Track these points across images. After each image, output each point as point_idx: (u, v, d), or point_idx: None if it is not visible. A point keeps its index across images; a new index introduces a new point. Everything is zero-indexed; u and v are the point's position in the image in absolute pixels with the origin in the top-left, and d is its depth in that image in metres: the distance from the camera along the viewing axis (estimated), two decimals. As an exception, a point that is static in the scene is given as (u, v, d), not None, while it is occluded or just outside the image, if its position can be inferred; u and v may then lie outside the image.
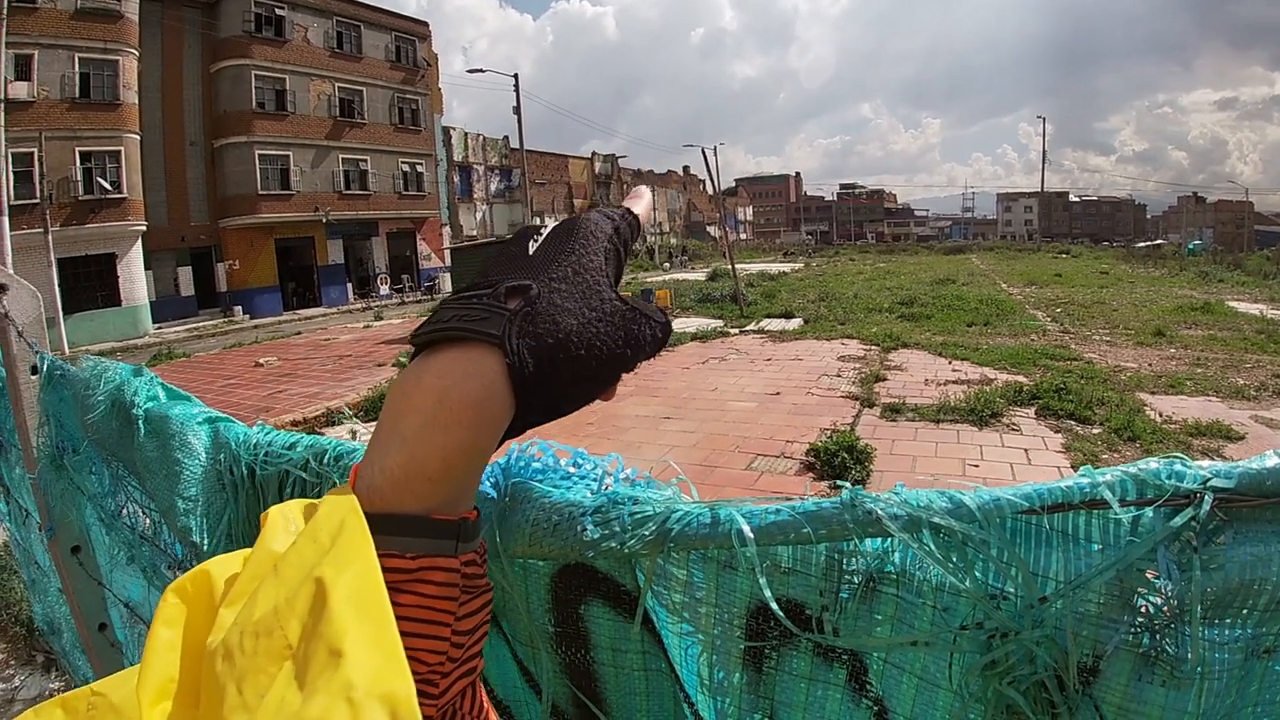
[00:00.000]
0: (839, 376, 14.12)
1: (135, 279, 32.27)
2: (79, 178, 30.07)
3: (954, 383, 13.21)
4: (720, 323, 22.88)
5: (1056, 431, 10.10)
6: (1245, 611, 0.62)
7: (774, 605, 0.71)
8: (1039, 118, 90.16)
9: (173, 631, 0.44)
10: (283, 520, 0.49)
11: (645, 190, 0.69)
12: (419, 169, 46.60)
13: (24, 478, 2.14)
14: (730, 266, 29.33)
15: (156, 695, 0.41)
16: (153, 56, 34.21)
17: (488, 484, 0.86)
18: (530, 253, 0.58)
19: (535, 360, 0.51)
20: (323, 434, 9.35)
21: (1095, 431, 9.98)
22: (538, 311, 0.53)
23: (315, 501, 0.49)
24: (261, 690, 0.36)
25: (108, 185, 30.80)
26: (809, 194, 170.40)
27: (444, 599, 0.50)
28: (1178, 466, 0.63)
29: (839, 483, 0.73)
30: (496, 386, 0.51)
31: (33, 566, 2.63)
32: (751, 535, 0.71)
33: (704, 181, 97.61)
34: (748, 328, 21.72)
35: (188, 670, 0.42)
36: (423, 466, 0.49)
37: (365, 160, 43.07)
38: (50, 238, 24.70)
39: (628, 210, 0.65)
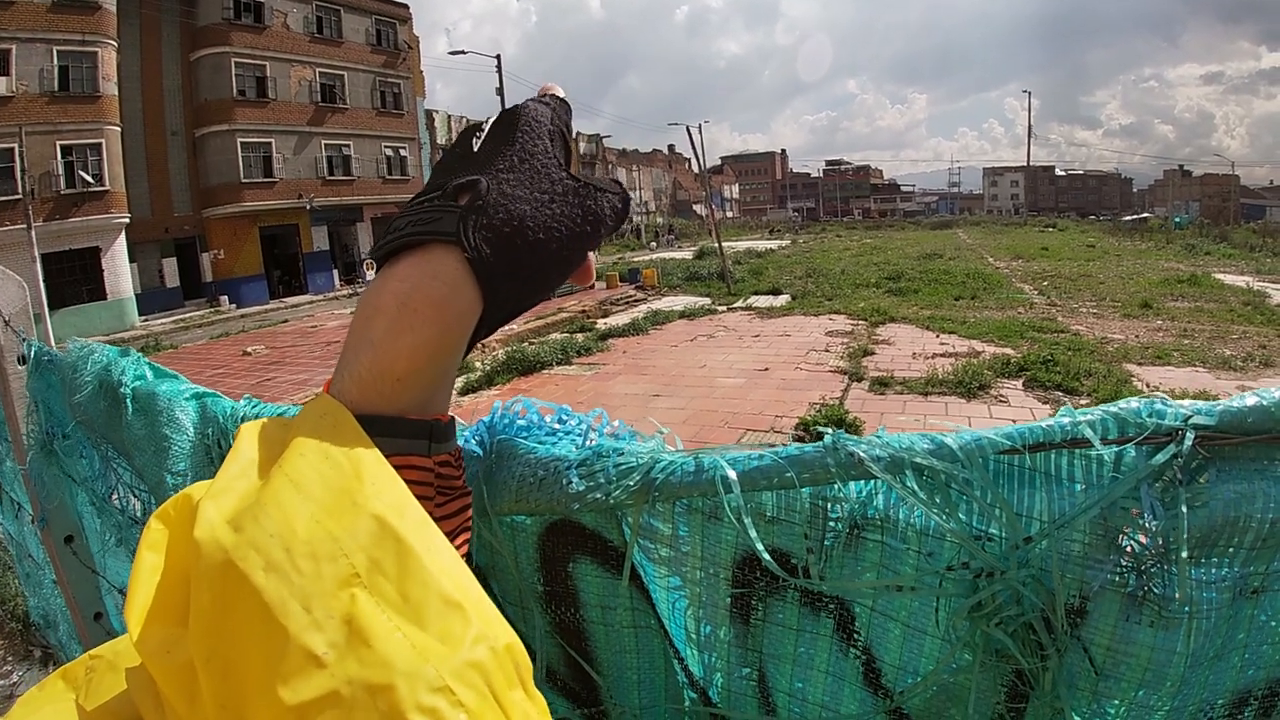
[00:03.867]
0: (827, 351, 14.16)
1: (120, 272, 32.00)
2: (61, 172, 29.74)
3: (942, 356, 13.28)
4: (708, 300, 22.91)
5: (1044, 403, 10.18)
6: (1231, 550, 0.62)
7: (761, 549, 0.71)
8: (1025, 92, 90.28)
9: (157, 555, 0.43)
10: (259, 431, 0.48)
11: (555, 85, 0.67)
12: (402, 153, 46.29)
13: (16, 471, 2.13)
14: (717, 244, 29.31)
15: (140, 615, 0.41)
16: (131, 47, 33.79)
17: (473, 442, 0.86)
18: (475, 150, 0.58)
19: (493, 250, 0.52)
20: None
21: (1083, 402, 10.01)
22: (489, 203, 0.53)
23: (288, 419, 0.49)
24: (333, 613, 0.36)
25: (90, 178, 30.48)
26: (795, 171, 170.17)
27: (419, 499, 0.48)
28: (1158, 405, 0.63)
29: (823, 429, 0.73)
30: (459, 282, 0.51)
31: (27, 560, 2.62)
32: (736, 480, 0.71)
33: (689, 160, 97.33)
34: (735, 305, 21.76)
35: (169, 591, 0.42)
36: (390, 367, 0.50)
37: (348, 145, 42.74)
38: (34, 233, 24.44)
39: (555, 95, 0.65)
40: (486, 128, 0.60)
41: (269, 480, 0.42)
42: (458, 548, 0.54)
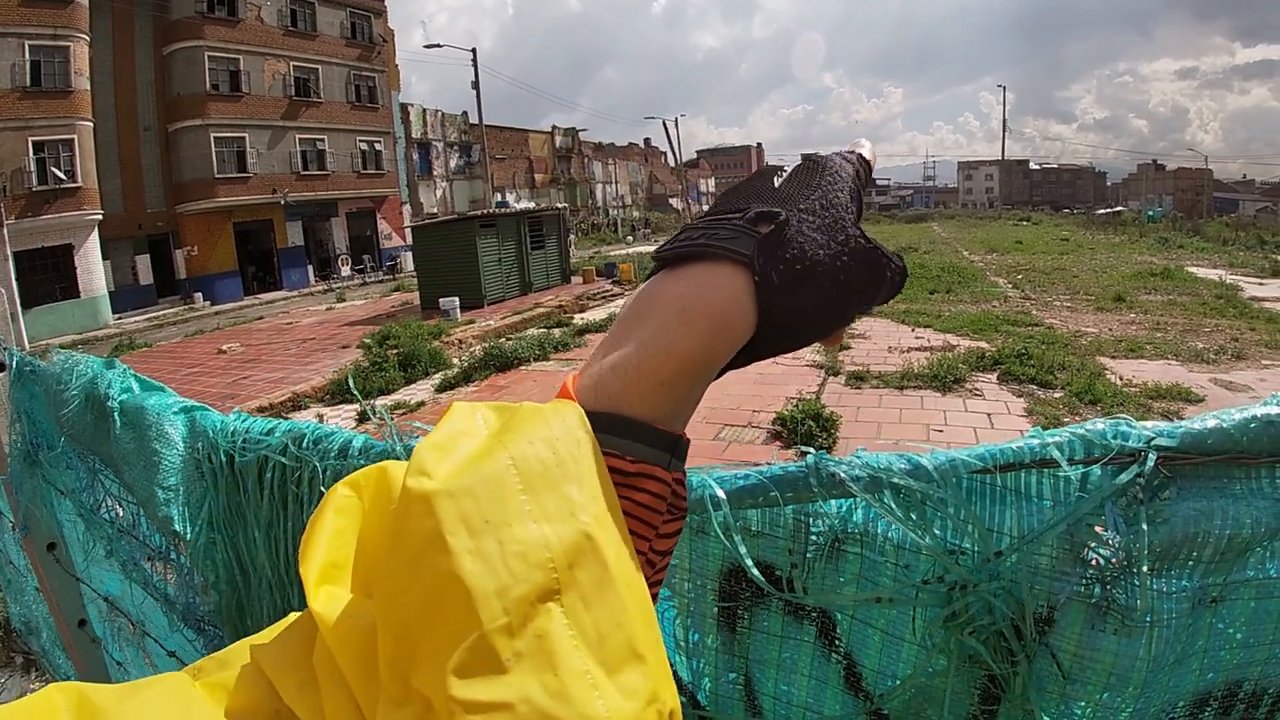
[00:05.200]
0: (804, 347, 14.19)
1: (93, 270, 31.58)
2: (32, 168, 29.23)
3: (917, 349, 13.34)
4: (686, 296, 22.84)
5: (1019, 396, 10.25)
6: (1191, 563, 0.66)
7: (748, 563, 0.74)
8: (1000, 86, 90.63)
9: (344, 521, 0.44)
10: (471, 414, 0.46)
11: (865, 140, 0.66)
12: (377, 147, 45.92)
13: (-2, 480, 2.12)
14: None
15: (320, 578, 0.41)
16: (104, 41, 33.33)
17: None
18: (776, 187, 0.57)
19: (781, 284, 0.51)
20: (289, 419, 9.29)
21: (1057, 395, 10.14)
22: (787, 238, 0.52)
23: (510, 406, 0.46)
24: (529, 621, 0.35)
25: (62, 175, 30.01)
26: (771, 164, 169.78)
27: (652, 510, 0.49)
28: (1123, 427, 0.66)
29: (805, 449, 0.76)
30: (741, 301, 0.50)
31: (8, 567, 2.62)
32: (724, 498, 0.74)
33: (665, 154, 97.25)
34: (713, 300, 21.71)
35: (360, 559, 0.42)
36: (658, 370, 0.49)
37: (322, 140, 42.37)
38: (5, 231, 24.10)
39: (860, 155, 0.63)
40: (787, 169, 0.60)
41: (492, 456, 0.40)
42: (663, 570, 0.54)
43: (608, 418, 0.47)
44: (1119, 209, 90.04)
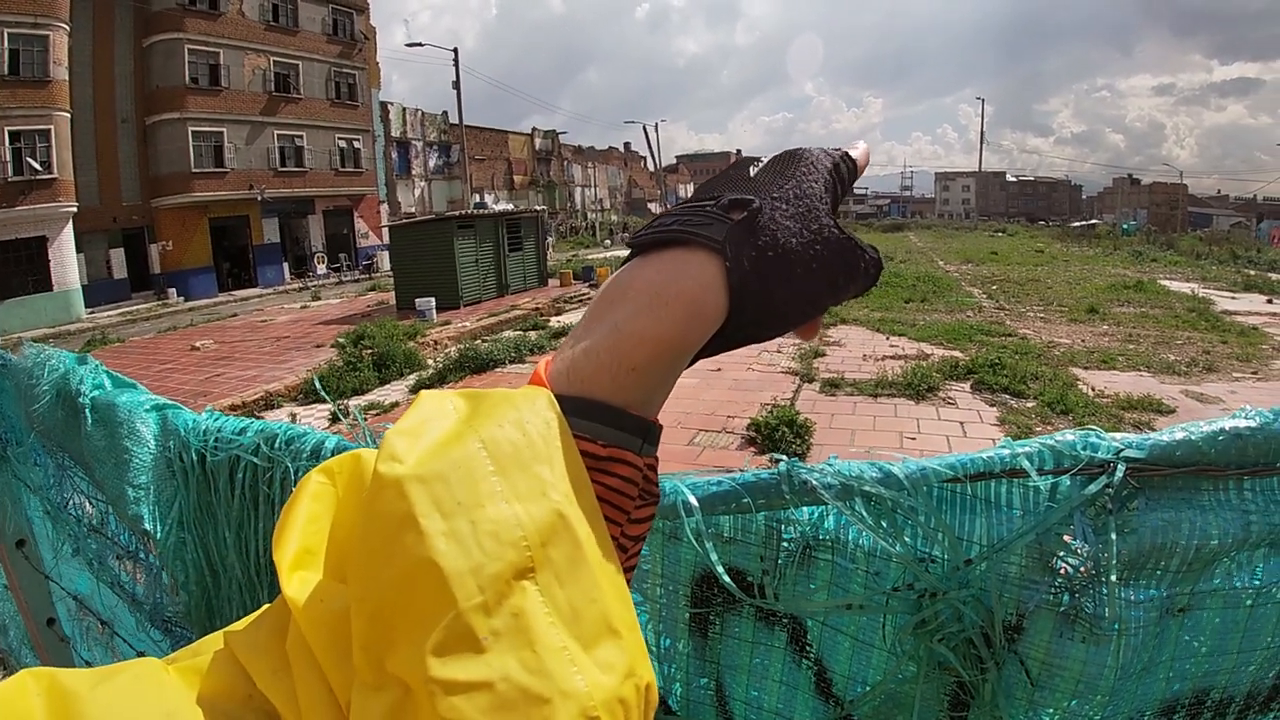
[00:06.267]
0: (779, 352, 14.23)
1: (66, 263, 31.17)
2: (8, 158, 28.77)
3: (891, 358, 13.42)
4: (663, 300, 22.88)
5: (992, 405, 10.33)
6: (1159, 572, 0.67)
7: (719, 569, 0.75)
8: (978, 99, 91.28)
9: (318, 507, 0.44)
10: (441, 400, 0.46)
11: (862, 142, 0.67)
12: (356, 145, 45.62)
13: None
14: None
15: (293, 564, 0.41)
16: (83, 31, 32.89)
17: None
18: (751, 175, 0.58)
19: (753, 269, 0.51)
20: (261, 418, 9.22)
21: (1029, 405, 10.22)
22: (760, 225, 0.52)
23: (479, 392, 0.46)
24: (504, 599, 0.36)
25: (38, 165, 29.58)
26: (748, 156, 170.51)
27: (623, 495, 0.49)
28: (1092, 438, 0.67)
29: (777, 456, 0.76)
30: (713, 287, 0.51)
31: (-25, 564, 2.58)
32: (697, 505, 0.74)
33: (645, 158, 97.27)
34: (690, 306, 21.75)
35: (333, 546, 0.42)
36: (630, 354, 0.49)
37: (301, 136, 42.03)
38: (-21, 222, 23.85)
39: (846, 153, 0.63)
40: (764, 160, 0.61)
41: (461, 440, 0.41)
42: (635, 555, 0.54)
43: (579, 402, 0.48)
44: (1094, 222, 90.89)
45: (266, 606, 0.45)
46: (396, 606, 0.36)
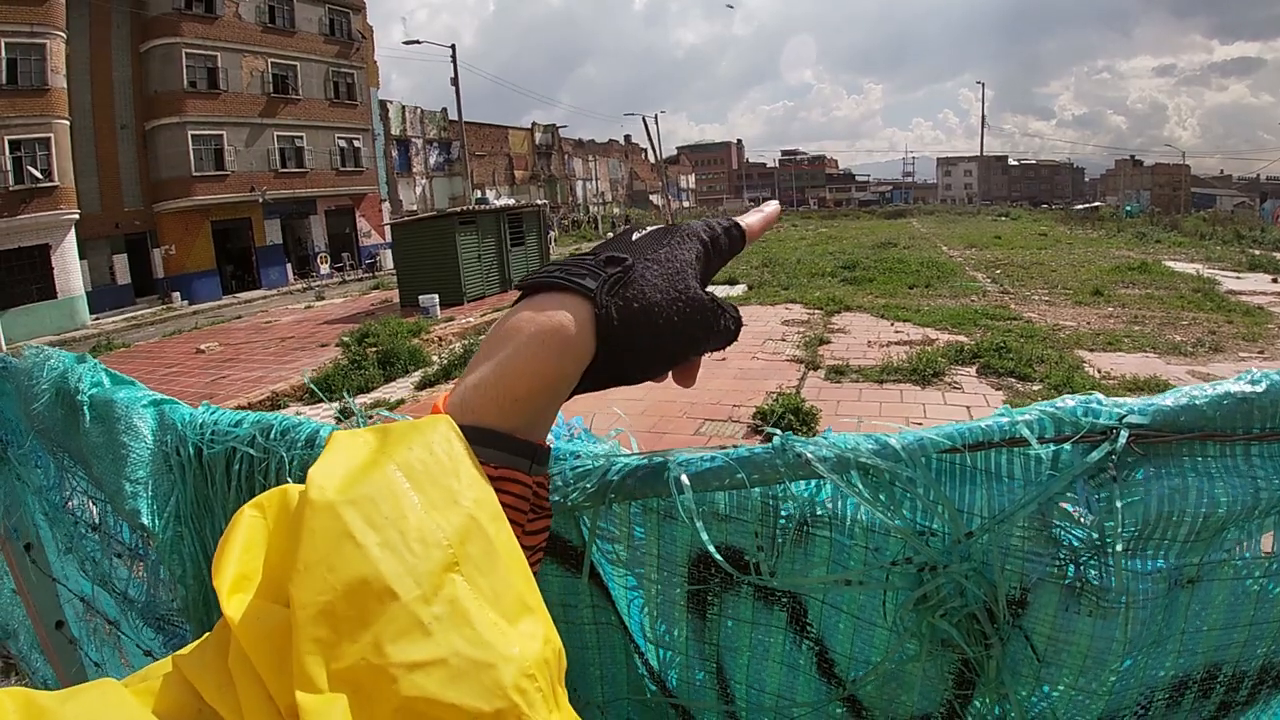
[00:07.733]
0: (784, 340, 14.23)
1: (70, 270, 31.22)
2: (9, 167, 28.83)
3: (896, 344, 13.40)
4: (666, 291, 22.87)
5: (997, 389, 10.31)
6: (1166, 542, 0.65)
7: (711, 548, 0.73)
8: (979, 83, 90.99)
9: (252, 536, 0.47)
10: (353, 434, 0.51)
11: (774, 203, 0.80)
12: (356, 144, 45.65)
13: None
14: (675, 236, 29.16)
15: (232, 588, 0.44)
16: (80, 38, 32.92)
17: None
18: (633, 240, 0.68)
19: (620, 318, 0.60)
20: (269, 417, 9.21)
21: (1035, 388, 10.20)
22: (630, 280, 0.62)
23: (384, 425, 0.52)
24: (439, 589, 0.41)
25: (39, 174, 29.63)
26: (751, 161, 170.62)
27: (516, 510, 0.57)
28: (1093, 404, 0.65)
29: (771, 430, 0.75)
30: (584, 328, 0.59)
31: (-18, 570, 2.58)
32: (689, 481, 0.73)
33: (646, 151, 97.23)
34: (693, 296, 21.73)
35: (269, 571, 0.45)
36: (512, 386, 0.57)
37: (301, 137, 42.07)
38: (-18, 233, 23.88)
39: (735, 223, 0.75)
40: (647, 229, 0.71)
41: (378, 465, 0.46)
42: (535, 562, 0.62)
43: (472, 430, 0.54)
44: (1097, 204, 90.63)
45: (208, 634, 0.48)
46: (347, 612, 0.40)
